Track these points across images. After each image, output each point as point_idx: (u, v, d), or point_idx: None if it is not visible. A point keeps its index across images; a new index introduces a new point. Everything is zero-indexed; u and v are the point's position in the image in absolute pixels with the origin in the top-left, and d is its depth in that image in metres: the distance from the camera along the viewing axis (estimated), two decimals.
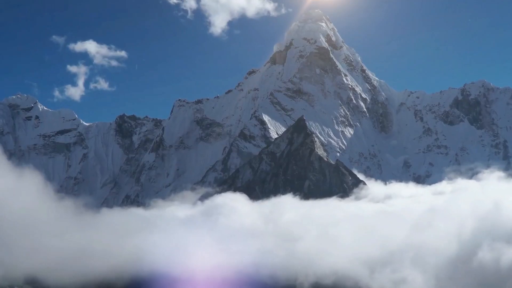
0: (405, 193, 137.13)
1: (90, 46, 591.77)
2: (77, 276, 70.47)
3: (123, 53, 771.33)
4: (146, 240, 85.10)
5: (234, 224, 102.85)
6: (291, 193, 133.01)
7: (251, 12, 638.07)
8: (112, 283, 72.60)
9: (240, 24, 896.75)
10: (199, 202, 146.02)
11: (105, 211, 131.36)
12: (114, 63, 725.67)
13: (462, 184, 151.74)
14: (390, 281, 67.89)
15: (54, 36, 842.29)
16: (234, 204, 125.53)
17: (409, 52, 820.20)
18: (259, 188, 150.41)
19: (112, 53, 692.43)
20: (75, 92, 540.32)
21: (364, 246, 77.89)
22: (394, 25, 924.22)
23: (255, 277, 72.69)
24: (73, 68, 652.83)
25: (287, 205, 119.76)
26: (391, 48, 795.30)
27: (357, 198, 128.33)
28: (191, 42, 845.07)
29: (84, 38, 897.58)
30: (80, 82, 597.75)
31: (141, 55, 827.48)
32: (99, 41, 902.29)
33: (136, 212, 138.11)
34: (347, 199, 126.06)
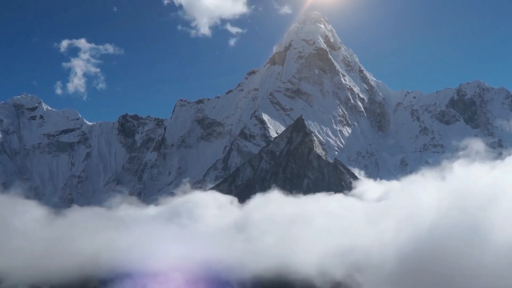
0: (399, 191, 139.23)
1: (93, 46, 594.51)
2: (42, 275, 71.03)
3: (125, 53, 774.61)
4: (111, 238, 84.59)
5: (201, 222, 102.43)
6: (276, 189, 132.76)
7: (251, 12, 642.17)
8: (78, 282, 72.80)
9: (241, 24, 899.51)
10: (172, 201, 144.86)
11: (69, 210, 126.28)
12: (116, 63, 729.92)
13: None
14: (340, 278, 69.65)
15: (54, 35, 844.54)
16: (207, 202, 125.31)
17: (406, 53, 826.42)
18: (259, 186, 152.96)
19: (114, 54, 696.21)
20: (77, 91, 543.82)
21: (325, 243, 78.02)
22: (392, 26, 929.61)
23: (216, 275, 73.23)
24: (74, 68, 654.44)
25: (269, 202, 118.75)
26: (389, 49, 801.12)
27: (350, 196, 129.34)
28: (192, 43, 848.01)
29: (86, 38, 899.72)
30: (82, 82, 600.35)
31: (144, 55, 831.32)
32: (102, 41, 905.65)
33: (102, 211, 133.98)
34: (335, 196, 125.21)
